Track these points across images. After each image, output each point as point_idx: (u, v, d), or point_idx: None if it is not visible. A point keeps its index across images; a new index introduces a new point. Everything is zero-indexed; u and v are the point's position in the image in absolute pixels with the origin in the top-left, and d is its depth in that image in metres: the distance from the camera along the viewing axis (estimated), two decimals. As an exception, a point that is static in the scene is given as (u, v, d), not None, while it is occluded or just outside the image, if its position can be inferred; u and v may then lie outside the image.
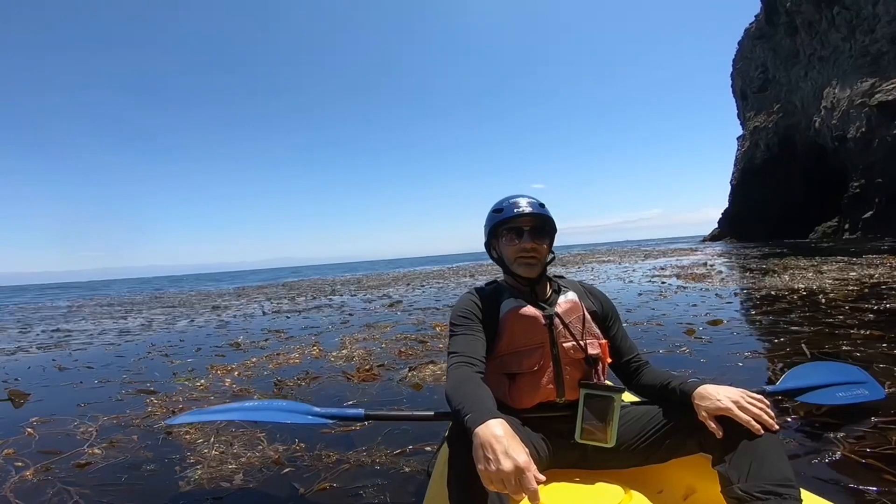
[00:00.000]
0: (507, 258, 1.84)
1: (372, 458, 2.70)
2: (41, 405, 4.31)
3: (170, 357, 6.25)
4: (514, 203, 1.81)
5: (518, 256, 1.79)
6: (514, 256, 1.81)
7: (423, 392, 3.99)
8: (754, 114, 51.13)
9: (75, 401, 4.33)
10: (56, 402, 4.37)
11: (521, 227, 1.80)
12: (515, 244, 1.80)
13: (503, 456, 1.13)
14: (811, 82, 40.85)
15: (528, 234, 1.79)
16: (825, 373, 2.64)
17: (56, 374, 5.72)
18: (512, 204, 1.81)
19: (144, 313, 14.58)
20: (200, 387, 4.58)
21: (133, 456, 2.94)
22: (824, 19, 37.43)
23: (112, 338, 8.81)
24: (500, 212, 1.83)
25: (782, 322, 5.48)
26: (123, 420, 3.65)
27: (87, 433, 3.38)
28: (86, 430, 3.44)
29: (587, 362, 1.74)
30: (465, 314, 1.77)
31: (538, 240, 1.80)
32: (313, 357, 5.66)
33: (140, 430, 3.40)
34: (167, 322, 11.05)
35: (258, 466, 2.68)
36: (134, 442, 3.17)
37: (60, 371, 5.81)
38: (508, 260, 1.84)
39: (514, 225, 1.80)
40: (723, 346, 4.63)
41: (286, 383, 4.51)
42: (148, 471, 2.73)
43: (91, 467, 2.80)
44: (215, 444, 3.00)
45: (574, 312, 1.79)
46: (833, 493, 1.93)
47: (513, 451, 1.14)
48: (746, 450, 1.35)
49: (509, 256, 1.83)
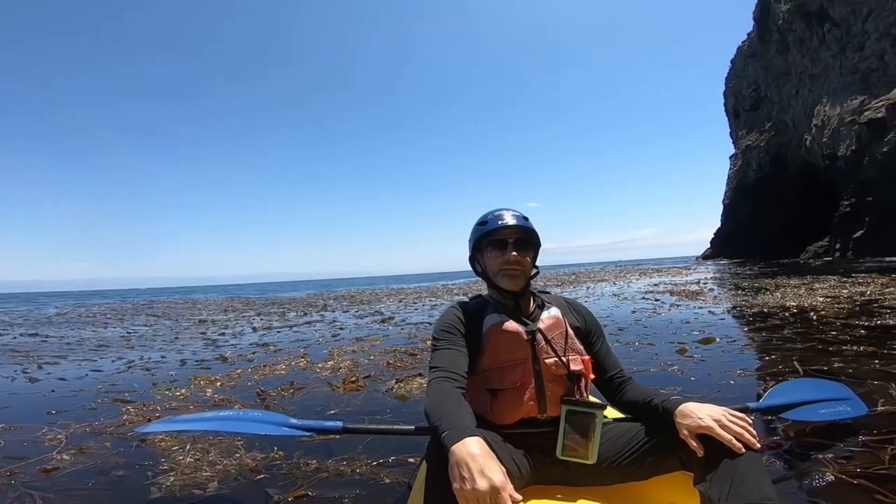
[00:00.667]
0: (491, 271, 1.84)
1: (352, 467, 2.65)
2: (8, 412, 4.20)
3: (151, 371, 6.10)
4: (499, 216, 1.83)
5: (502, 269, 1.80)
6: (497, 269, 1.81)
7: (408, 404, 3.93)
8: (746, 132, 51.72)
9: (45, 409, 4.23)
10: (22, 410, 4.27)
11: (506, 240, 1.81)
12: (499, 256, 1.80)
13: (479, 475, 1.14)
14: (802, 100, 41.37)
15: (513, 245, 1.80)
16: (808, 390, 2.65)
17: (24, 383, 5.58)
18: (496, 216, 1.83)
19: (127, 322, 14.46)
20: (180, 396, 4.49)
21: (103, 462, 2.87)
22: (815, 37, 38.01)
23: (88, 352, 8.56)
24: (484, 224, 1.85)
25: (774, 339, 5.47)
26: (96, 427, 3.56)
27: (56, 440, 3.31)
28: (55, 437, 3.36)
29: (569, 378, 1.72)
30: (448, 328, 1.77)
31: (522, 252, 1.81)
32: (300, 368, 5.58)
33: (113, 438, 3.32)
34: (150, 337, 10.82)
35: (234, 474, 2.63)
36: (105, 449, 3.10)
37: (31, 382, 5.66)
38: (492, 272, 1.84)
39: (499, 237, 1.82)
40: (715, 364, 4.59)
41: (269, 393, 4.43)
42: (118, 477, 2.67)
43: (57, 473, 2.74)
44: (191, 452, 2.94)
45: (557, 328, 1.78)
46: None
47: (488, 471, 1.15)
48: (727, 468, 1.33)
49: (493, 269, 1.83)
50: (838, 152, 33.55)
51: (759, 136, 48.59)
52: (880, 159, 29.08)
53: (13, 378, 5.95)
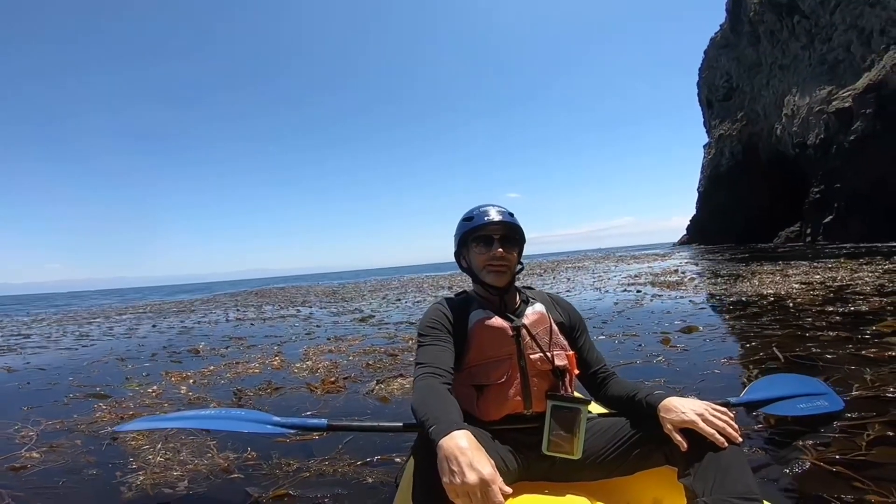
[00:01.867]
0: (477, 266, 1.84)
1: (334, 467, 2.59)
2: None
3: (125, 361, 6.04)
4: (485, 212, 1.83)
5: (487, 264, 1.80)
6: (483, 264, 1.81)
7: (390, 405, 3.82)
8: (719, 122, 52.39)
9: (19, 404, 4.17)
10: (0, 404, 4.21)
11: (491, 236, 1.81)
12: (485, 252, 1.79)
13: (468, 468, 1.13)
14: (773, 90, 42.01)
15: (498, 241, 1.80)
16: (787, 385, 2.74)
17: (3, 375, 5.53)
18: (482, 213, 1.83)
19: (112, 318, 14.32)
20: (153, 393, 4.40)
21: (73, 461, 2.84)
22: (785, 28, 38.57)
23: (70, 342, 8.54)
24: (470, 220, 1.84)
25: (755, 326, 5.52)
26: (68, 424, 3.52)
27: (26, 437, 3.27)
28: (26, 434, 3.33)
29: (554, 374, 1.73)
30: (434, 325, 1.76)
31: (508, 248, 1.81)
32: (274, 368, 5.43)
33: (85, 436, 3.27)
34: (129, 328, 10.75)
35: (205, 473, 2.58)
36: (77, 447, 3.06)
37: (9, 373, 5.60)
38: (477, 268, 1.84)
39: (484, 233, 1.81)
40: (698, 354, 4.62)
41: (246, 393, 4.32)
42: (88, 475, 2.63)
43: (26, 471, 2.71)
44: (161, 451, 2.89)
45: (541, 324, 1.79)
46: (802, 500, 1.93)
47: (478, 464, 1.14)
48: (711, 462, 1.35)
49: (479, 265, 1.83)
50: (808, 141, 34.17)
51: (731, 126, 49.21)
52: (847, 147, 29.70)
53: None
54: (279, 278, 74.94)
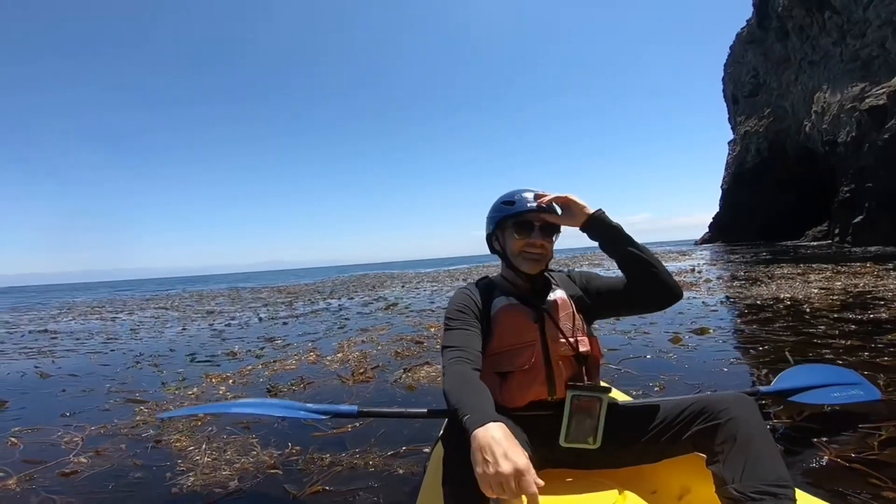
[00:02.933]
0: (512, 251, 1.81)
1: (365, 459, 2.70)
2: (21, 412, 4.21)
3: (159, 367, 6.08)
4: (525, 198, 1.78)
5: (524, 251, 1.77)
6: (519, 250, 1.78)
7: (416, 393, 4.02)
8: (745, 118, 51.47)
9: (59, 410, 4.21)
10: (37, 411, 4.24)
11: (532, 222, 1.77)
12: (523, 238, 1.77)
13: (502, 458, 1.11)
14: (802, 87, 41.10)
15: (539, 230, 1.77)
16: (819, 374, 2.66)
17: (37, 381, 5.58)
18: (524, 198, 1.79)
19: (135, 315, 14.51)
20: (192, 395, 4.47)
21: (121, 464, 2.88)
22: (815, 24, 37.68)
23: (98, 344, 8.62)
24: (511, 204, 1.80)
25: (765, 331, 5.50)
26: (111, 429, 3.55)
27: (72, 442, 3.29)
28: (71, 440, 3.35)
29: (578, 360, 1.73)
30: (462, 308, 1.76)
31: (547, 236, 1.78)
32: (310, 363, 5.58)
33: (128, 439, 3.31)
34: (157, 328, 10.88)
35: (252, 472, 2.65)
36: (122, 450, 3.10)
37: (42, 378, 5.65)
38: (512, 253, 1.81)
39: (524, 219, 1.78)
40: (708, 354, 4.67)
41: (280, 388, 4.45)
42: (136, 479, 2.67)
43: (77, 476, 2.73)
44: (207, 451, 2.95)
45: (564, 309, 1.78)
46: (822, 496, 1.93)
47: (512, 454, 1.12)
48: (741, 449, 1.33)
49: (514, 250, 1.80)
50: (838, 139, 33.40)
51: (757, 122, 48.34)
52: (881, 146, 28.94)
53: (24, 374, 5.98)
54: (280, 272, 75.83)
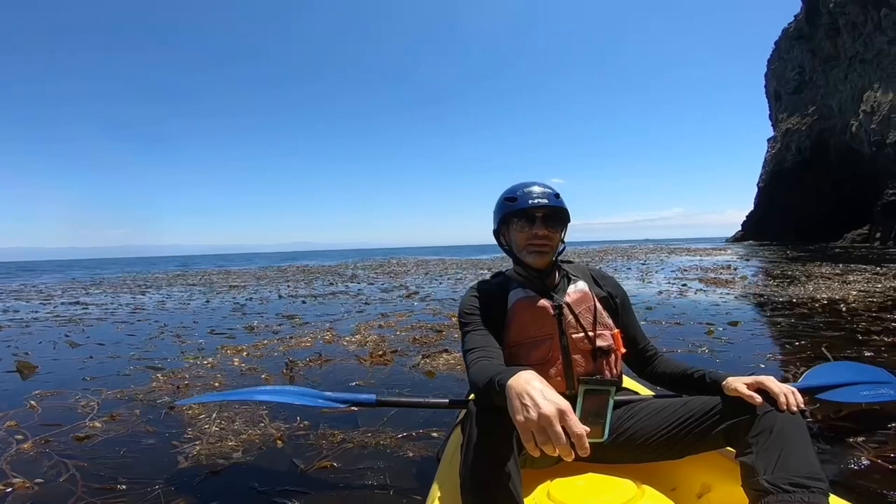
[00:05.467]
0: (517, 246, 1.75)
1: (377, 439, 2.67)
2: (48, 377, 4.31)
3: (181, 337, 6.25)
4: (529, 193, 1.71)
5: (528, 244, 1.71)
6: (524, 244, 1.72)
7: (435, 380, 3.95)
8: (787, 115, 50.15)
9: (82, 375, 4.31)
10: (63, 376, 4.34)
11: (534, 214, 1.70)
12: (526, 231, 1.71)
13: (542, 399, 1.06)
14: (851, 85, 39.83)
15: (541, 220, 1.70)
16: (848, 372, 2.57)
17: (66, 348, 5.72)
18: (526, 193, 1.71)
19: (164, 289, 14.85)
20: (208, 365, 4.54)
21: (133, 430, 2.92)
22: (870, 21, 36.39)
23: (126, 315, 8.88)
24: (513, 201, 1.73)
25: (802, 326, 5.33)
26: (128, 394, 3.62)
27: (89, 407, 3.36)
28: (88, 404, 3.42)
29: (598, 353, 1.67)
30: (471, 311, 1.72)
31: (551, 227, 1.71)
32: (325, 342, 5.61)
33: (143, 405, 3.37)
34: (183, 301, 11.15)
35: (258, 444, 2.66)
36: (136, 416, 3.14)
37: (72, 347, 5.79)
38: (518, 248, 1.75)
39: (527, 213, 1.72)
40: (743, 348, 4.54)
41: (297, 363, 4.47)
42: (147, 445, 2.70)
43: (90, 441, 2.77)
44: (216, 421, 2.97)
45: (584, 302, 1.72)
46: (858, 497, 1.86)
47: (551, 395, 1.08)
48: (776, 441, 1.27)
49: (519, 244, 1.74)
50: (887, 139, 32.33)
51: (800, 120, 47.09)
52: (932, 149, 27.97)
53: (55, 342, 6.13)
54: (304, 253, 77.14)
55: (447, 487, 1.51)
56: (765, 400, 1.36)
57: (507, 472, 1.20)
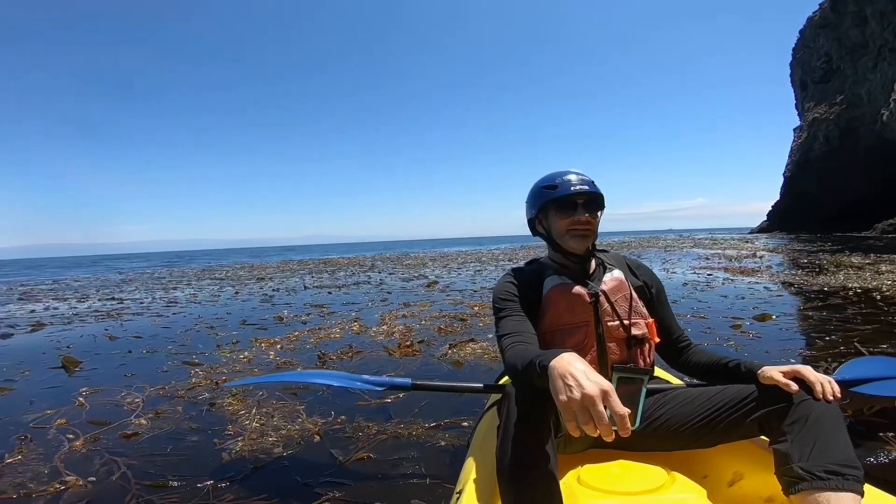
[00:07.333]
0: (558, 232, 1.77)
1: (409, 430, 2.76)
2: (92, 373, 4.41)
3: (215, 329, 6.40)
4: (568, 180, 1.75)
5: (571, 229, 1.73)
6: (566, 229, 1.74)
7: (463, 369, 4.02)
8: (814, 104, 48.93)
9: (123, 371, 4.41)
10: (105, 372, 4.44)
11: (575, 200, 1.73)
12: (568, 217, 1.73)
13: (585, 379, 1.08)
14: (881, 74, 38.73)
15: (582, 206, 1.73)
16: (884, 367, 2.51)
17: (107, 343, 5.86)
18: (566, 182, 1.74)
19: (193, 282, 15.23)
20: (244, 359, 4.64)
21: (177, 427, 2.99)
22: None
23: (160, 308, 9.10)
24: (553, 188, 1.76)
25: (835, 319, 5.21)
26: (169, 391, 3.70)
27: (134, 404, 3.43)
28: (133, 401, 3.49)
29: (633, 342, 1.69)
30: (506, 297, 1.74)
31: (591, 212, 1.75)
32: (354, 332, 5.73)
33: (184, 402, 3.45)
34: (213, 294, 11.42)
35: (297, 438, 2.74)
36: (179, 413, 3.23)
37: (111, 340, 5.93)
38: (558, 234, 1.77)
39: (568, 200, 1.74)
40: (771, 342, 4.44)
41: (329, 356, 4.57)
42: (191, 442, 2.77)
43: (138, 438, 2.84)
44: (256, 416, 3.05)
45: (620, 290, 1.74)
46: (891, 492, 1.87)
47: (594, 376, 1.09)
48: (811, 429, 1.27)
49: (560, 230, 1.76)
50: (919, 129, 31.45)
51: (828, 109, 45.90)
52: (965, 138, 27.15)
53: (95, 337, 6.27)
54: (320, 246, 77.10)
55: (477, 470, 1.53)
56: (801, 388, 1.36)
57: (546, 453, 1.21)
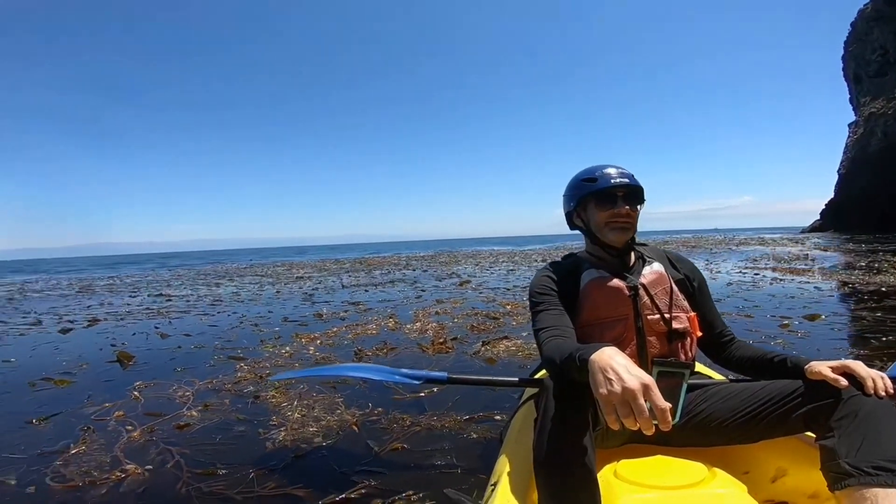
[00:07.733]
0: (597, 224, 1.76)
1: (442, 422, 2.86)
2: (145, 368, 4.61)
3: (258, 326, 6.62)
4: (608, 173, 1.73)
5: (610, 221, 1.72)
6: (605, 221, 1.73)
7: (496, 367, 4.07)
8: (870, 99, 46.90)
9: (173, 365, 4.62)
10: (157, 367, 4.64)
11: (615, 193, 1.72)
12: (609, 209, 1.72)
13: (626, 373, 1.08)
14: (940, 66, 36.93)
15: (623, 199, 1.72)
16: None
17: (157, 340, 6.10)
18: (606, 175, 1.73)
19: (236, 280, 15.77)
20: (286, 354, 4.82)
21: (225, 418, 3.14)
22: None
23: (206, 306, 9.42)
24: (593, 181, 1.75)
25: (890, 320, 5.00)
26: (216, 384, 3.87)
27: (184, 397, 3.60)
28: (183, 394, 3.66)
29: (674, 336, 1.67)
30: (544, 290, 1.74)
31: (632, 205, 1.74)
32: (389, 329, 5.87)
33: (231, 395, 3.61)
34: (255, 292, 11.80)
35: (336, 429, 2.86)
36: (226, 405, 3.38)
37: (162, 338, 6.17)
38: (598, 227, 1.76)
39: (608, 192, 1.73)
40: (821, 342, 4.30)
41: (366, 352, 4.71)
42: (238, 432, 2.91)
43: (189, 429, 2.99)
44: (298, 408, 3.19)
45: (660, 284, 1.72)
46: None
47: (634, 370, 1.09)
48: (861, 424, 1.22)
49: (599, 222, 1.74)
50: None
51: (885, 104, 43.99)
52: None
53: (147, 334, 6.53)
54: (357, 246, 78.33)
55: (512, 463, 1.53)
56: (851, 384, 1.31)
57: (584, 447, 1.21)
